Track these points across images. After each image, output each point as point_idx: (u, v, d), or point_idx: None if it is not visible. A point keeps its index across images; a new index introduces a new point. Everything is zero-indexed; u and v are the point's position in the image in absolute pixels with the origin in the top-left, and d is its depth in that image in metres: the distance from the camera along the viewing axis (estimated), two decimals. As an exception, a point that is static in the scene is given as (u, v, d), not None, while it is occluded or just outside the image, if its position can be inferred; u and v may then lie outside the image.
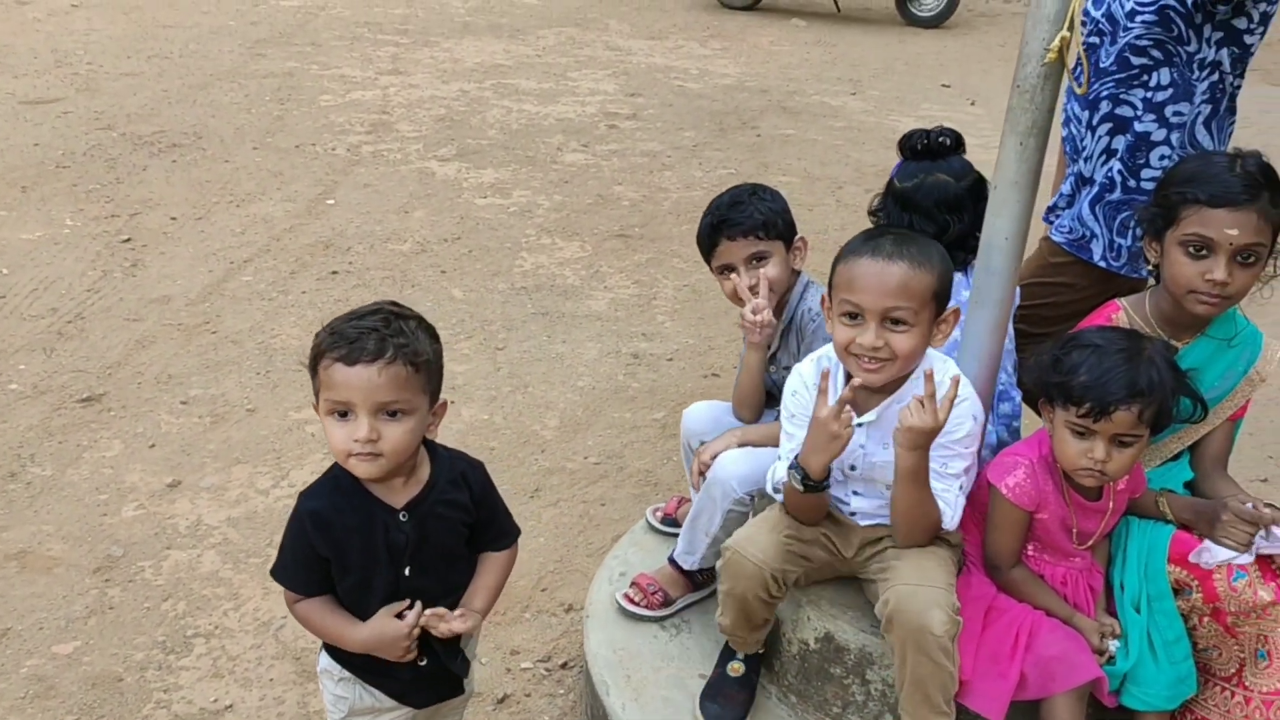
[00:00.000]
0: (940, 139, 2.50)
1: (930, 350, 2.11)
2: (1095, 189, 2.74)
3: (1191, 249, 2.10)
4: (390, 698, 1.93)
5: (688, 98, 8.22)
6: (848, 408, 1.99)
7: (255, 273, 4.83)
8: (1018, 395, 2.48)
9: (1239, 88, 2.66)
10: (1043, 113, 2.07)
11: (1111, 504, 2.12)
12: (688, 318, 4.64)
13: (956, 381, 2.01)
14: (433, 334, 1.81)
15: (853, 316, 1.99)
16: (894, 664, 2.04)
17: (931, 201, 2.39)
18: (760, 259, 2.47)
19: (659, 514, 2.90)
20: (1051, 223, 2.92)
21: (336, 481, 1.82)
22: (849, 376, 2.06)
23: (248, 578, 2.99)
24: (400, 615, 1.82)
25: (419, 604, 1.82)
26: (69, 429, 3.62)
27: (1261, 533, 2.04)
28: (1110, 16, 2.64)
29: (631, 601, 2.57)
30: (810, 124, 7.70)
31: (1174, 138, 2.60)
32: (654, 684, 2.38)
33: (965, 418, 2.08)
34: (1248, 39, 2.55)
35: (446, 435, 3.63)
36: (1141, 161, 2.62)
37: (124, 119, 6.80)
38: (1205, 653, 2.13)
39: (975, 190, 2.41)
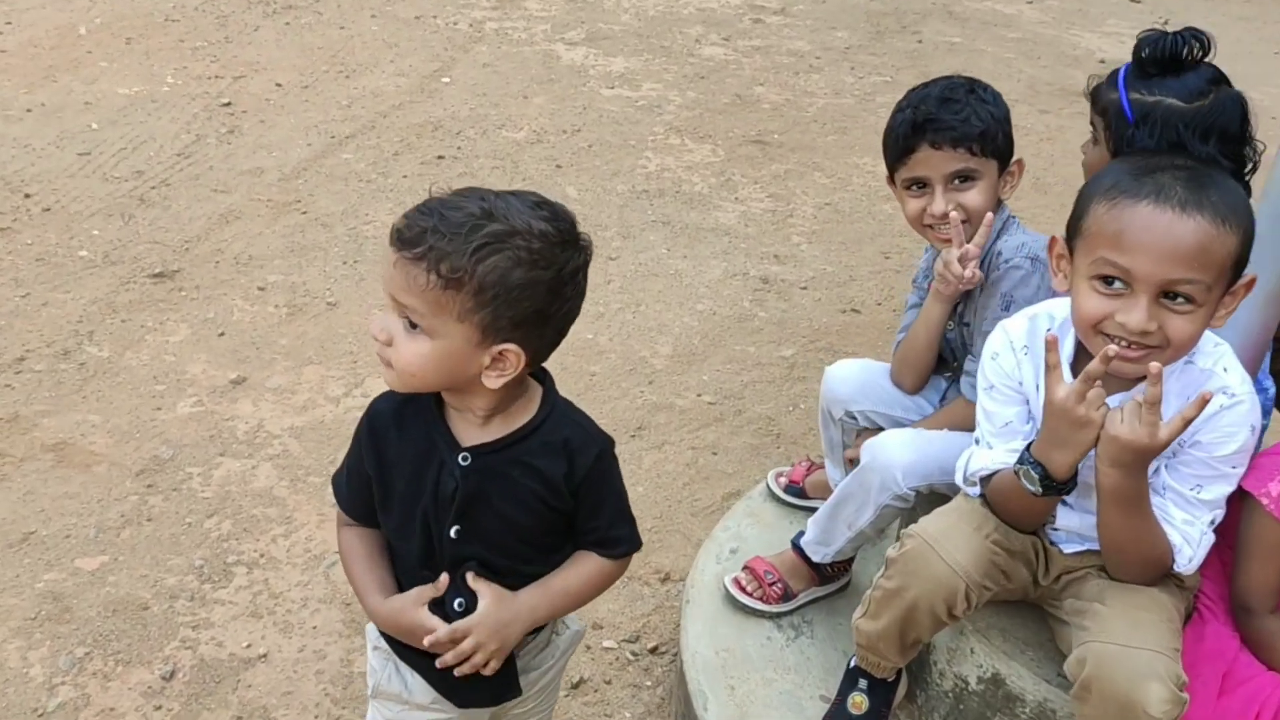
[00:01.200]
0: (1199, 38, 1.89)
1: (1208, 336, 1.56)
2: None
3: None
4: (430, 686, 1.51)
5: (844, -4, 7.47)
6: (1097, 384, 1.46)
7: (356, 150, 4.42)
8: (1272, 388, 1.91)
9: None
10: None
11: None
12: (828, 241, 4.07)
13: (1202, 401, 1.43)
14: (532, 261, 1.31)
15: (1112, 282, 1.45)
16: (1085, 737, 1.54)
17: (1238, 123, 1.79)
18: (966, 179, 1.90)
19: (782, 480, 2.42)
20: None
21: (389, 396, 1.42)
22: (1079, 348, 1.54)
23: (304, 499, 2.61)
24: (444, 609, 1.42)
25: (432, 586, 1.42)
26: (135, 306, 3.28)
27: None
28: None
29: (743, 590, 2.10)
30: (979, 32, 6.91)
31: None
32: (762, 701, 1.92)
33: (1240, 426, 1.53)
34: None
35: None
36: None
37: (242, -26, 6.42)
38: None
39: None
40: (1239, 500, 1.60)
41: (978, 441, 1.68)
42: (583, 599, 1.52)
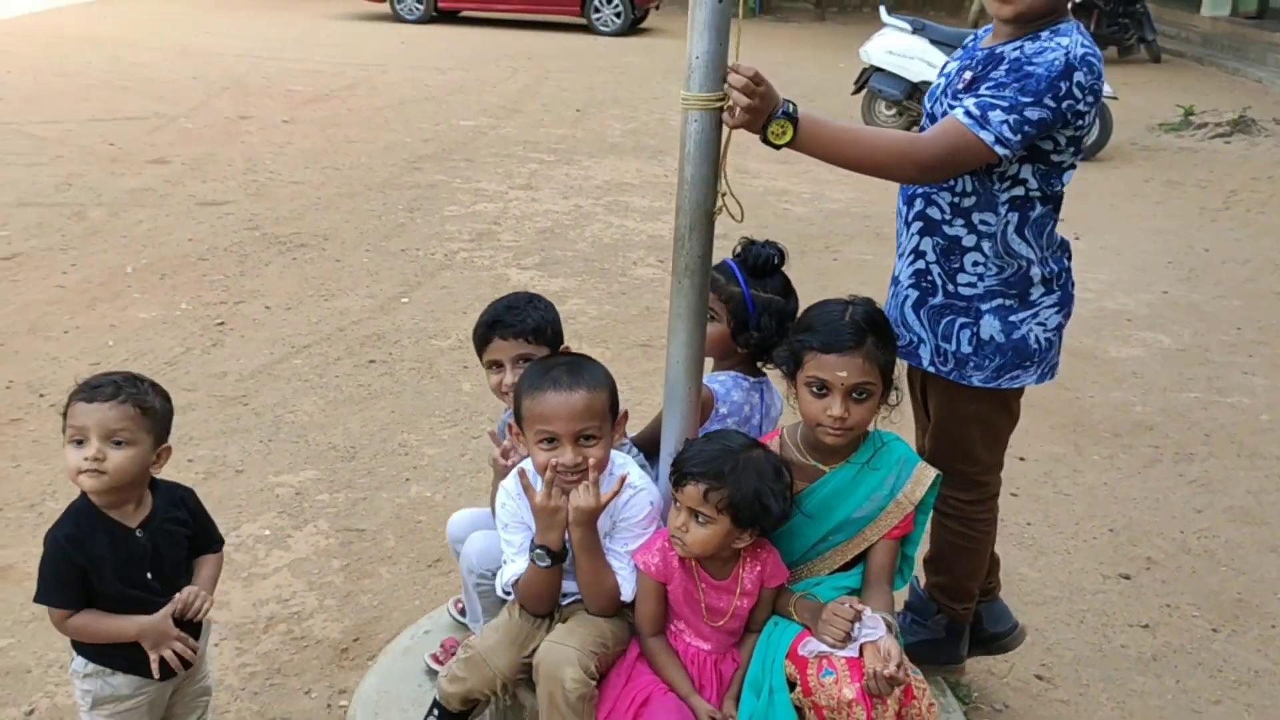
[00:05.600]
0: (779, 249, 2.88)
1: (613, 453, 2.47)
2: (904, 289, 2.79)
3: (814, 389, 2.38)
4: (136, 675, 2.40)
5: (785, 220, 8.61)
6: (555, 488, 2.36)
7: (307, 358, 5.58)
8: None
9: (1054, 196, 2.62)
10: (694, 258, 2.41)
11: (740, 586, 2.37)
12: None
13: (622, 480, 2.36)
14: (164, 395, 2.39)
15: (550, 441, 2.36)
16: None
17: (792, 316, 2.75)
18: (527, 360, 2.72)
19: (459, 605, 3.25)
20: None
21: (78, 512, 2.35)
22: None
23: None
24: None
25: (175, 598, 2.36)
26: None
27: (857, 626, 2.26)
28: (930, 115, 2.71)
29: (438, 661, 2.94)
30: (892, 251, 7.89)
31: (985, 246, 2.62)
32: (391, 722, 2.77)
33: (643, 505, 2.46)
34: (1055, 157, 2.55)
35: (387, 506, 4.16)
36: (956, 266, 2.66)
37: (272, 221, 7.88)
38: (822, 747, 2.31)
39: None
40: (642, 562, 2.46)
41: (505, 561, 2.55)
42: (217, 580, 2.49)
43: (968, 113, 2.42)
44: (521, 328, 2.75)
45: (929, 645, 3.00)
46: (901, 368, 2.62)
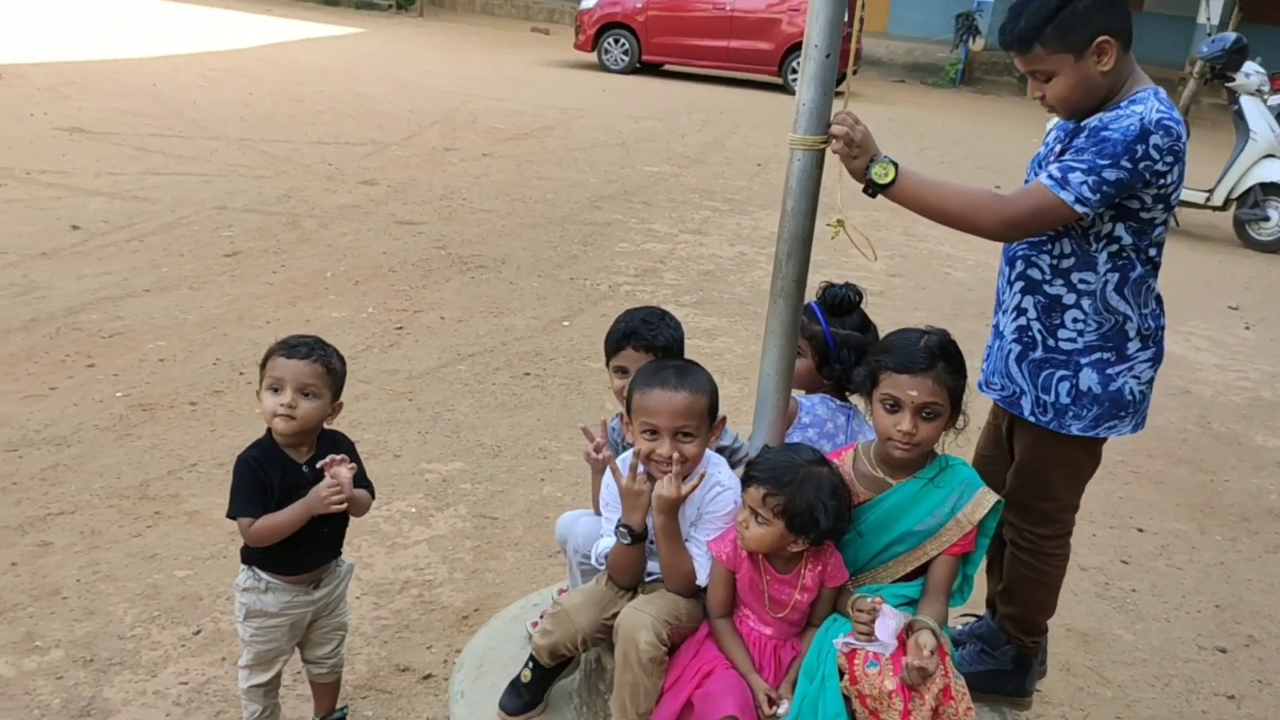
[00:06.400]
0: (856, 290, 3.19)
1: (708, 453, 2.78)
2: (1007, 343, 2.93)
3: (887, 405, 2.63)
4: (289, 576, 2.85)
5: (946, 284, 8.72)
6: (641, 472, 2.69)
7: (470, 365, 6.11)
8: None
9: (1153, 253, 2.77)
10: (789, 282, 2.73)
11: (802, 581, 2.63)
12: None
13: (701, 476, 2.67)
14: (342, 360, 2.87)
15: (652, 433, 2.69)
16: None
17: (866, 348, 3.01)
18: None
19: (562, 593, 3.57)
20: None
21: (263, 445, 2.84)
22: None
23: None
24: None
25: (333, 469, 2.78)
26: (276, 444, 4.96)
27: (879, 623, 2.48)
28: (1027, 180, 2.83)
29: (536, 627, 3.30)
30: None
31: (1085, 304, 2.77)
32: (494, 674, 3.12)
33: (728, 502, 2.75)
34: (1145, 214, 2.69)
35: (521, 500, 4.56)
36: (1057, 322, 2.81)
37: (458, 243, 8.55)
38: (867, 736, 2.54)
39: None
40: (713, 551, 2.75)
41: (602, 535, 2.89)
42: (364, 508, 2.91)
43: (1050, 175, 2.65)
44: (653, 343, 3.04)
45: (996, 676, 3.16)
46: (976, 399, 2.82)
